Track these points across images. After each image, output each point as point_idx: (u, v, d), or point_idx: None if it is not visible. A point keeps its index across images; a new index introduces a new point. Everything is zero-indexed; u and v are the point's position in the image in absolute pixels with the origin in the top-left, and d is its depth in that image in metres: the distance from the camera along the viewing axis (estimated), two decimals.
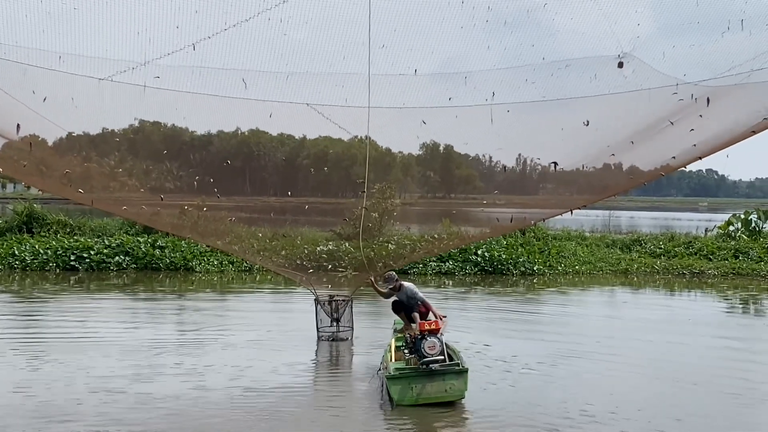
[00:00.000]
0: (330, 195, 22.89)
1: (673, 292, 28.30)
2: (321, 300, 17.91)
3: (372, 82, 14.50)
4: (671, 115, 13.48)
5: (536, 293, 27.13)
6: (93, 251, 29.79)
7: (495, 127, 15.25)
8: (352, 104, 15.04)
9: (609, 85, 13.87)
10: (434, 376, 12.82)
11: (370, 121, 15.36)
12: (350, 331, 17.95)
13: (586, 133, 14.49)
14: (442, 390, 12.73)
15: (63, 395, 12.90)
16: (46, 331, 18.56)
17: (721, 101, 12.99)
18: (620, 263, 33.55)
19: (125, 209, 17.10)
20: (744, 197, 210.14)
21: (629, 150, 14.59)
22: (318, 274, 19.89)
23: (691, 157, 13.86)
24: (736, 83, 12.88)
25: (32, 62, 12.41)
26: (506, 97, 14.60)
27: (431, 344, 13.18)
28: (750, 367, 16.08)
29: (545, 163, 16.77)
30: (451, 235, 22.33)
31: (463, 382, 12.78)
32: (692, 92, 12.97)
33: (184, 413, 12.10)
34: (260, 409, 12.39)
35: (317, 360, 16.64)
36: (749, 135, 12.64)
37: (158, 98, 14.14)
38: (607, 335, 19.28)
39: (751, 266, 33.30)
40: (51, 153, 14.48)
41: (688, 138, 13.19)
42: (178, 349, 16.67)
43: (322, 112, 15.35)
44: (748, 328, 21.68)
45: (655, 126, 14.12)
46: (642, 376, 15.12)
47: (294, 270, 19.26)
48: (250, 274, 29.57)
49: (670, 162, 14.44)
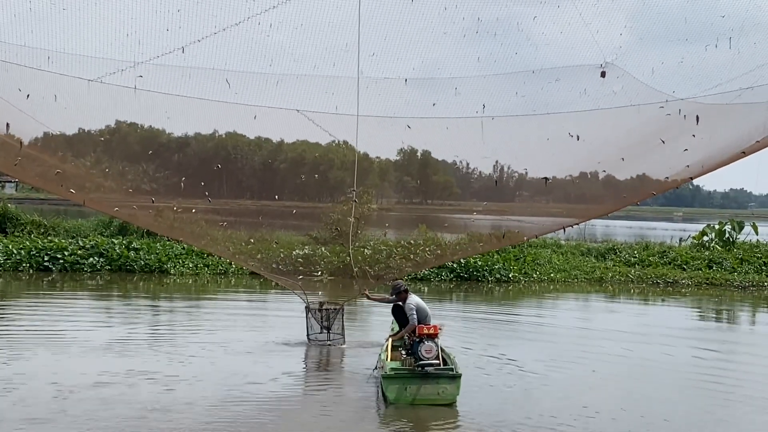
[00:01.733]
0: (307, 199, 22.82)
1: (647, 301, 28.46)
2: (311, 308, 17.82)
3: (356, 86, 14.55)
4: (662, 131, 13.53)
5: (513, 300, 27.22)
6: (67, 252, 29.52)
7: (482, 137, 15.29)
8: (341, 111, 15.10)
9: (599, 100, 13.95)
10: (428, 378, 13.20)
11: (351, 125, 15.41)
12: (341, 338, 17.81)
13: (575, 148, 14.52)
14: (435, 393, 13.09)
15: (26, 396, 12.78)
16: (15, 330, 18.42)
17: (712, 122, 13.08)
18: (595, 271, 33.68)
19: (117, 210, 16.97)
20: (718, 207, 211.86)
21: (620, 168, 14.67)
22: (294, 277, 19.81)
23: (683, 178, 13.98)
24: (726, 102, 12.97)
25: (21, 62, 12.34)
26: (491, 105, 14.66)
27: (428, 348, 13.56)
28: (726, 374, 16.30)
29: (533, 174, 16.87)
30: (427, 240, 22.32)
31: (455, 387, 13.15)
32: (680, 107, 13.04)
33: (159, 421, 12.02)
34: (246, 416, 12.28)
35: (306, 365, 16.59)
36: (740, 157, 12.71)
37: (138, 99, 14.08)
38: (588, 341, 19.35)
39: (724, 276, 33.54)
40: (37, 150, 14.35)
41: (682, 158, 13.28)
42: (153, 353, 16.52)
43: (312, 118, 15.36)
44: (723, 337, 21.84)
45: (646, 143, 14.18)
46: (619, 381, 15.37)
47: (276, 274, 19.17)
48: (225, 277, 29.45)
49: (664, 181, 14.52)
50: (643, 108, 13.57)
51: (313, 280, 22.61)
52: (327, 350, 17.40)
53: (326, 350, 17.39)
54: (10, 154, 13.15)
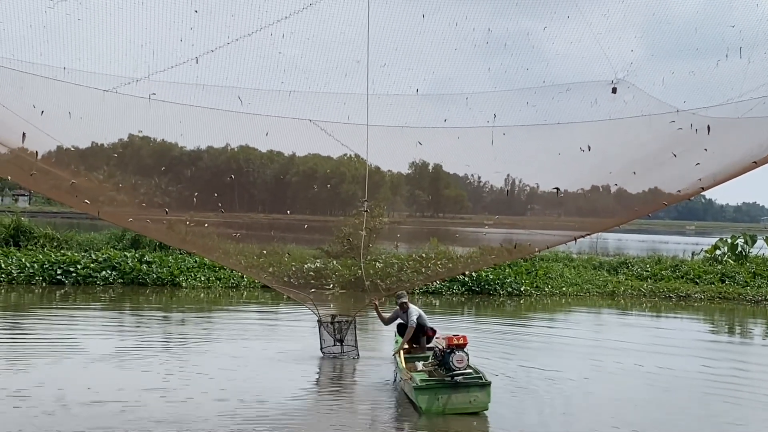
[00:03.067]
0: (318, 212, 22.87)
1: (660, 315, 28.37)
2: (324, 321, 17.88)
3: (371, 101, 14.63)
4: (673, 145, 13.51)
5: (525, 313, 27.17)
6: (80, 265, 29.64)
7: (492, 150, 15.33)
8: (353, 121, 15.16)
9: (609, 111, 13.96)
10: (459, 387, 13.58)
11: (362, 138, 15.47)
12: (355, 350, 17.90)
13: (586, 160, 14.53)
14: (467, 401, 13.48)
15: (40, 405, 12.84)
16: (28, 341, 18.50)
17: (724, 134, 13.05)
18: (607, 285, 33.58)
19: (131, 221, 17.05)
20: (731, 221, 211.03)
21: (632, 180, 14.68)
22: (306, 290, 19.86)
23: (694, 190, 13.97)
24: (738, 116, 12.95)
25: (36, 72, 12.43)
26: (502, 119, 14.70)
27: (460, 358, 13.85)
28: (738, 389, 16.16)
29: (544, 188, 16.88)
30: (438, 254, 22.31)
31: (486, 394, 13.55)
32: (691, 122, 13.02)
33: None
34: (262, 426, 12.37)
35: (320, 377, 16.63)
36: (752, 167, 12.68)
37: (151, 112, 14.16)
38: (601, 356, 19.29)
39: (737, 290, 33.39)
40: (49, 164, 14.44)
41: (694, 171, 13.26)
42: (162, 365, 16.58)
43: (325, 128, 15.44)
44: (735, 351, 21.71)
45: (657, 156, 14.17)
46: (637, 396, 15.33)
47: (293, 288, 19.22)
48: (237, 291, 29.49)
49: (675, 194, 14.51)
50: (655, 122, 13.56)
51: (325, 293, 22.58)
52: (341, 362, 17.47)
53: (340, 363, 17.46)
54: (25, 166, 13.25)
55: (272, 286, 20.72)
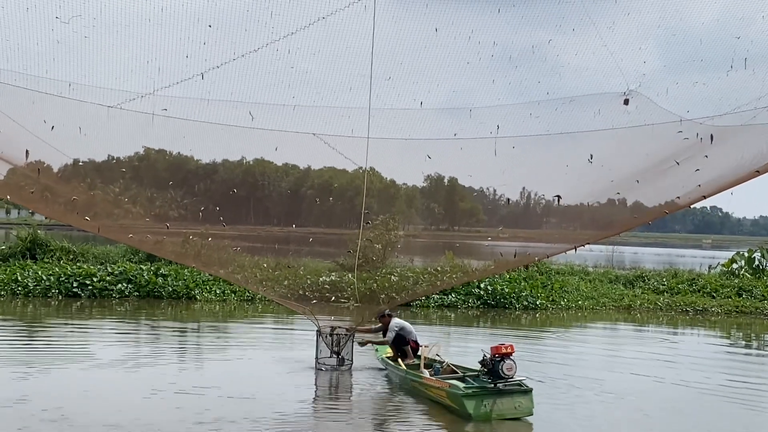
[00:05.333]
0: (333, 226, 22.86)
1: (677, 329, 28.21)
2: (323, 332, 17.91)
3: (377, 114, 14.69)
4: (677, 153, 13.50)
5: (541, 326, 27.07)
6: (96, 278, 29.73)
7: (499, 162, 15.38)
8: (358, 135, 15.21)
9: (613, 120, 13.97)
10: (503, 393, 13.99)
11: (376, 152, 15.54)
12: (350, 362, 17.97)
13: (590, 169, 14.52)
14: (512, 407, 13.93)
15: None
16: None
17: (726, 142, 13.03)
18: (623, 299, 33.39)
19: (131, 237, 17.14)
20: (748, 235, 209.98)
21: (634, 188, 14.64)
22: (321, 305, 19.89)
23: (695, 197, 13.91)
24: (741, 124, 12.93)
25: (42, 89, 12.50)
26: (511, 131, 14.73)
27: (509, 366, 14.13)
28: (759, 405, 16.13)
29: (549, 197, 16.82)
30: (454, 267, 22.27)
31: (529, 400, 14.04)
32: (697, 131, 13.03)
33: None
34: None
35: (317, 390, 16.69)
36: (754, 176, 12.65)
37: (165, 127, 14.24)
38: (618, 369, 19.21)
39: (754, 305, 33.10)
40: (56, 180, 14.53)
41: (694, 178, 13.24)
42: (177, 373, 16.71)
43: (328, 142, 15.49)
44: (755, 367, 21.54)
45: (660, 164, 14.16)
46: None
47: (296, 301, 19.26)
48: (252, 304, 29.52)
49: (675, 201, 14.49)
50: (660, 131, 13.59)
51: (341, 307, 22.59)
52: (338, 373, 17.62)
53: (337, 373, 17.61)
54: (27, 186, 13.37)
55: (270, 297, 20.83)
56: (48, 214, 16.31)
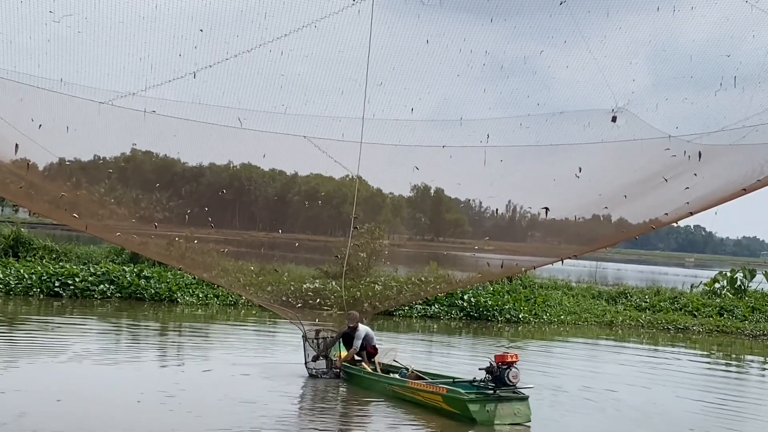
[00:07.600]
0: (319, 232, 22.85)
1: (657, 347, 28.28)
2: (308, 337, 17.88)
3: (368, 123, 14.72)
4: (665, 170, 13.57)
5: (524, 339, 27.09)
6: (78, 278, 29.53)
7: (487, 173, 15.42)
8: (350, 139, 15.23)
9: (602, 134, 14.03)
10: (502, 399, 14.29)
11: (363, 160, 15.55)
12: (338, 370, 17.83)
13: (578, 182, 14.59)
14: (512, 413, 14.23)
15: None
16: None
17: (715, 161, 13.10)
18: (605, 315, 33.41)
19: (118, 235, 17.06)
20: (730, 255, 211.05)
21: (621, 203, 14.72)
22: (303, 311, 19.84)
23: (682, 214, 13.99)
24: (730, 143, 13.00)
25: (34, 84, 12.45)
26: (500, 140, 14.79)
27: (515, 374, 14.43)
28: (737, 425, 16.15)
29: (536, 210, 16.89)
30: (438, 278, 22.28)
31: (526, 407, 14.38)
32: (685, 149, 13.10)
33: None
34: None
35: (302, 394, 16.68)
36: (741, 194, 12.72)
37: (154, 125, 14.20)
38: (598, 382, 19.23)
39: (735, 324, 33.23)
40: (42, 178, 14.44)
41: (682, 195, 13.31)
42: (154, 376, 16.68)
43: (319, 145, 15.51)
44: (733, 386, 21.59)
45: (648, 181, 14.23)
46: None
47: (280, 306, 19.22)
48: (234, 308, 29.40)
49: (661, 217, 14.56)
50: (648, 147, 13.68)
51: (323, 314, 22.56)
52: (325, 378, 17.63)
53: (324, 378, 17.62)
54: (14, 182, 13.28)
55: (255, 301, 20.80)
56: (35, 209, 16.19)
